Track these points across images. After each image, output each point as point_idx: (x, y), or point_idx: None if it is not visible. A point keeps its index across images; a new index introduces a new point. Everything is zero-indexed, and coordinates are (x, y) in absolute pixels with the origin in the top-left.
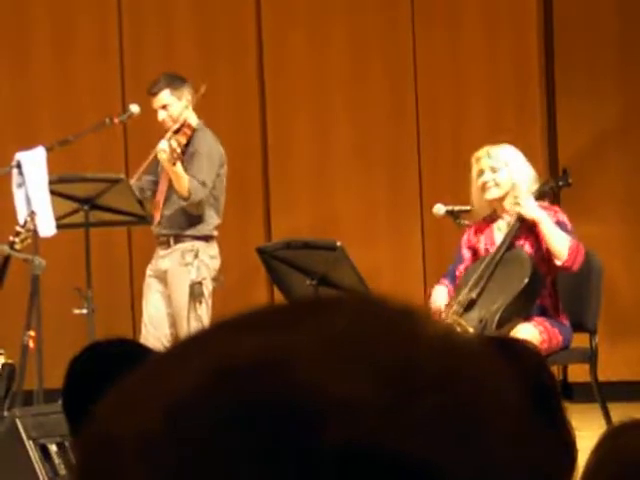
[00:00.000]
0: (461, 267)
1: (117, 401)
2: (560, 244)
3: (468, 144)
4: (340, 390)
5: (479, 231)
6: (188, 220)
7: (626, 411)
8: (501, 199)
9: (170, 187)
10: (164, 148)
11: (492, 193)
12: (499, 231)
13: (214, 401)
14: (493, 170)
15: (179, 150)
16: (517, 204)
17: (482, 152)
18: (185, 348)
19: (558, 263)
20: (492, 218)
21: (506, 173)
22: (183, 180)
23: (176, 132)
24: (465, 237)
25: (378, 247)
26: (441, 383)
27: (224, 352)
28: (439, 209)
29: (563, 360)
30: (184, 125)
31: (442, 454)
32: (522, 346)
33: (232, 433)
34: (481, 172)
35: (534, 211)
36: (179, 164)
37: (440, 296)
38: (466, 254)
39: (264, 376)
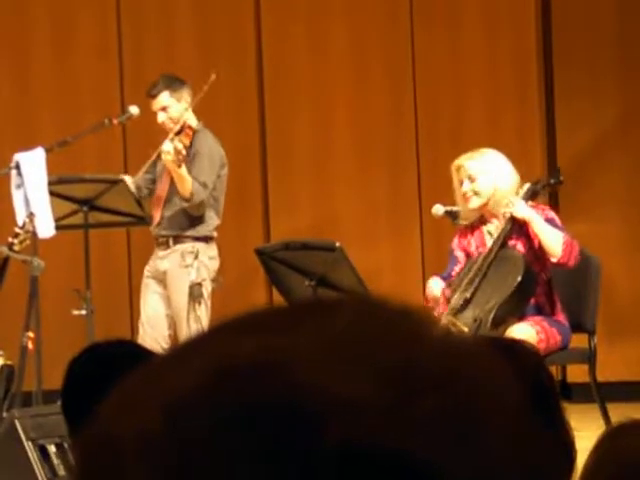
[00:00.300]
0: (456, 268)
1: (118, 402)
2: (554, 241)
3: (467, 144)
4: (340, 390)
5: (469, 233)
6: (189, 221)
7: (625, 411)
8: (484, 205)
9: (170, 188)
10: (169, 150)
11: (473, 202)
12: (489, 235)
13: (214, 401)
14: (471, 179)
15: (184, 152)
16: (508, 206)
17: (460, 161)
18: (186, 349)
19: (554, 260)
20: (480, 221)
21: (485, 180)
22: (187, 182)
23: (177, 134)
24: (455, 240)
25: (377, 248)
26: (441, 383)
27: (224, 353)
28: (438, 209)
29: (562, 360)
30: (185, 127)
31: (442, 454)
32: (521, 347)
33: (232, 433)
34: (461, 182)
35: (525, 211)
36: (183, 166)
37: (435, 286)
38: (460, 255)
39: (264, 377)
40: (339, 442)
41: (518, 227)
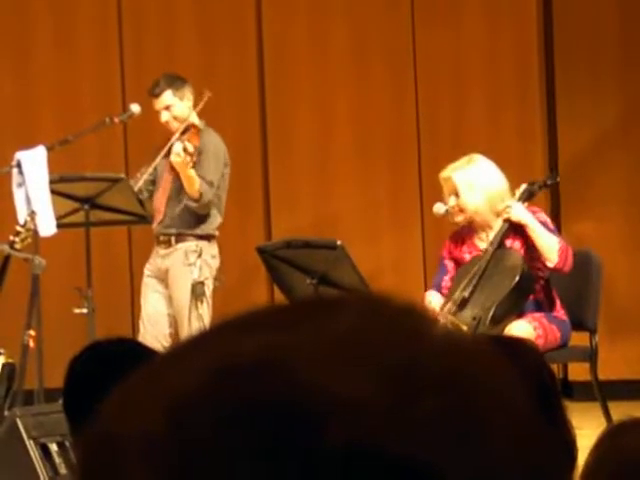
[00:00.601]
0: (446, 278)
1: (120, 401)
2: (550, 246)
3: (468, 142)
4: (342, 390)
5: (460, 242)
6: (192, 220)
7: (626, 410)
8: (470, 218)
9: (173, 186)
10: (179, 152)
11: (458, 218)
12: (481, 241)
13: (216, 400)
14: (457, 194)
15: (194, 153)
16: (507, 212)
17: (446, 173)
18: (187, 348)
19: (550, 265)
20: (471, 230)
21: (469, 197)
22: (196, 183)
23: (182, 133)
24: (445, 249)
25: (379, 245)
26: (443, 383)
27: (226, 352)
28: (439, 208)
29: (563, 359)
30: (190, 126)
31: (443, 454)
32: (522, 345)
33: (233, 432)
34: (449, 193)
35: (522, 214)
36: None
37: (434, 299)
38: (449, 265)
39: (266, 375)
40: (339, 442)
41: (515, 227)
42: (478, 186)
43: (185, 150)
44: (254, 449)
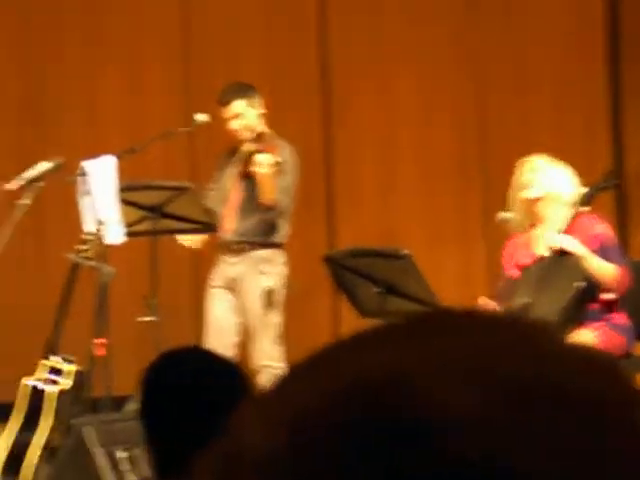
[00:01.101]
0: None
1: (247, 416)
2: (606, 276)
3: (533, 144)
4: (461, 407)
5: (520, 246)
6: (263, 228)
7: None
8: (541, 200)
9: (244, 195)
10: (267, 164)
11: (531, 193)
12: (538, 247)
13: (338, 418)
14: (536, 173)
15: (278, 163)
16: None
17: (530, 157)
18: (313, 366)
19: (607, 294)
20: (529, 234)
21: (546, 178)
22: (274, 192)
23: (253, 142)
24: (507, 256)
25: (442, 256)
26: (569, 400)
27: (350, 370)
28: (503, 217)
29: (630, 369)
30: (261, 135)
31: (557, 471)
32: (608, 357)
33: (352, 451)
34: (524, 180)
35: (561, 243)
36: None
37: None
38: (510, 270)
39: (391, 394)
40: (456, 457)
41: (573, 236)
42: (558, 178)
43: (274, 162)
44: (375, 467)
